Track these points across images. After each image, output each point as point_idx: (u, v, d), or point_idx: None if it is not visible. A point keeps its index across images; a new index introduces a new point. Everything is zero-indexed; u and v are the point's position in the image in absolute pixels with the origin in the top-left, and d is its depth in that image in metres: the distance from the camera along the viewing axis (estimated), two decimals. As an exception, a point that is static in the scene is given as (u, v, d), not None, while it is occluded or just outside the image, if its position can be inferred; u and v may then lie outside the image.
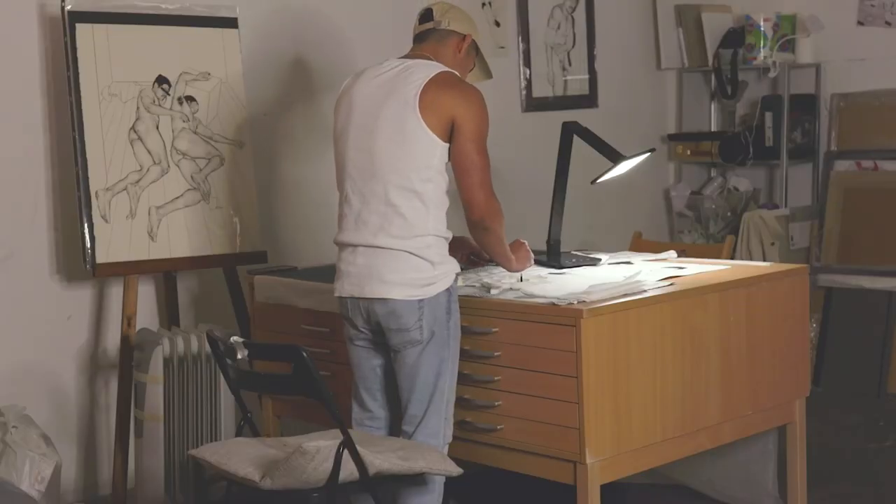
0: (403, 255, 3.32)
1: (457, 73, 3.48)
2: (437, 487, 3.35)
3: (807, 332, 3.98)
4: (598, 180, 4.17)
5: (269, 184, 4.81)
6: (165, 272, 4.43)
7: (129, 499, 4.31)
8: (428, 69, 3.39)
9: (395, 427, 3.49)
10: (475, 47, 3.64)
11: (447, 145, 3.38)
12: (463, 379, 3.60)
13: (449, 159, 3.41)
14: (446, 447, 3.43)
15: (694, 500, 4.24)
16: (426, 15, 3.57)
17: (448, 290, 3.37)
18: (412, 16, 5.31)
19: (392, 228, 3.33)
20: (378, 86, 3.41)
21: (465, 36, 3.56)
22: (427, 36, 3.55)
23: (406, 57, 3.51)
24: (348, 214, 3.41)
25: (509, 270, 3.73)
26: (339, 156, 3.46)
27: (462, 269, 3.62)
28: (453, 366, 3.42)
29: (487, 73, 3.78)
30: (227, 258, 4.45)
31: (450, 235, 3.43)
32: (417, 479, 3.25)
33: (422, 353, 3.34)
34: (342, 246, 3.44)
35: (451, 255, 3.44)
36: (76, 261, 4.30)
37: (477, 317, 3.57)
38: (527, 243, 3.86)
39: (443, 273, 3.36)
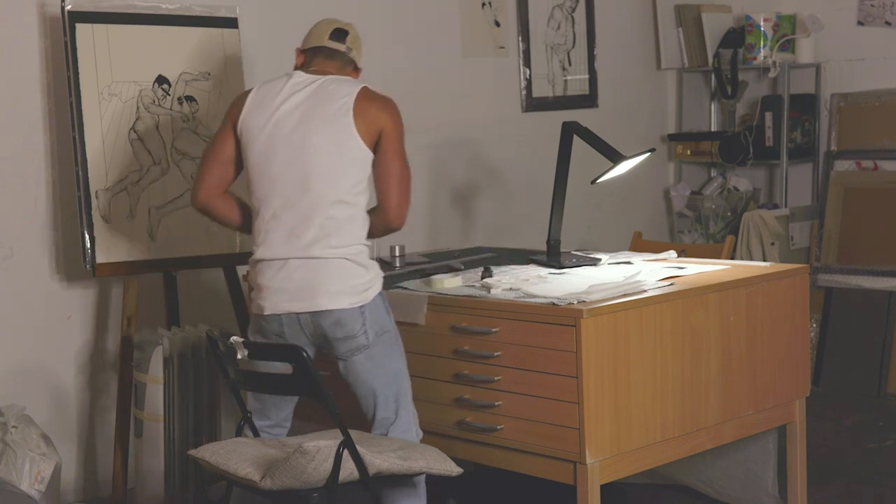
0: (343, 262, 3.35)
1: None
2: (423, 491, 3.37)
3: (807, 332, 3.98)
4: (598, 180, 4.17)
5: (269, 184, 4.80)
6: (165, 272, 4.43)
7: (129, 499, 4.31)
8: (349, 85, 3.44)
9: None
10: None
11: (373, 156, 3.41)
12: (463, 379, 3.61)
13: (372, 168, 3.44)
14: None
15: (694, 500, 4.24)
16: (339, 35, 3.57)
17: (380, 292, 3.43)
18: (413, 16, 5.35)
19: (330, 240, 3.34)
20: (299, 102, 3.42)
21: (359, 70, 3.63)
22: (334, 55, 3.55)
23: (317, 72, 3.51)
24: (276, 229, 3.38)
25: None
26: (261, 173, 3.41)
27: None
28: (405, 361, 3.48)
29: None
30: (227, 258, 4.44)
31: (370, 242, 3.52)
32: (405, 482, 3.26)
33: (372, 357, 3.37)
34: (268, 262, 3.39)
35: None
36: (76, 261, 4.30)
37: (477, 317, 3.57)
38: None
39: (375, 276, 3.42)
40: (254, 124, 3.43)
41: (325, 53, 3.54)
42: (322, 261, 3.34)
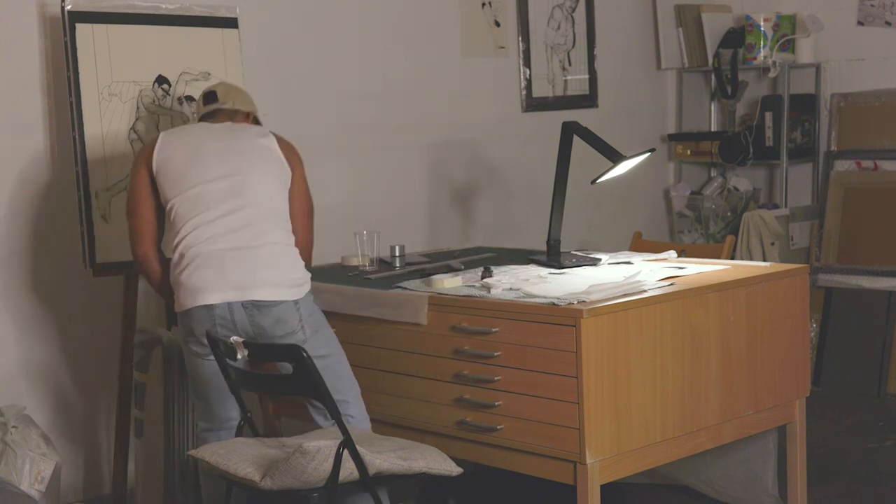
0: (283, 254, 3.52)
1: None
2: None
3: (807, 331, 3.98)
4: (598, 180, 4.17)
5: (269, 184, 4.80)
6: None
7: (129, 499, 4.31)
8: (259, 128, 3.73)
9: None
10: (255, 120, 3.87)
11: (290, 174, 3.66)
12: (463, 379, 3.61)
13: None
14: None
15: (694, 500, 4.24)
16: (209, 97, 3.79)
17: (310, 290, 3.58)
18: (413, 16, 5.35)
19: (268, 231, 3.52)
20: (208, 136, 3.64)
21: (248, 114, 3.81)
22: (216, 114, 3.76)
23: (214, 122, 3.75)
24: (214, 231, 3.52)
25: None
26: (192, 197, 3.54)
27: None
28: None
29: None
30: (227, 258, 4.44)
31: None
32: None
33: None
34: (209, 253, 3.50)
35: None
36: (76, 261, 4.30)
37: (477, 317, 3.57)
38: None
39: (307, 274, 3.59)
40: (167, 158, 3.63)
41: (207, 117, 3.79)
42: (258, 250, 3.53)
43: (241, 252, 3.46)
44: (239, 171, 3.55)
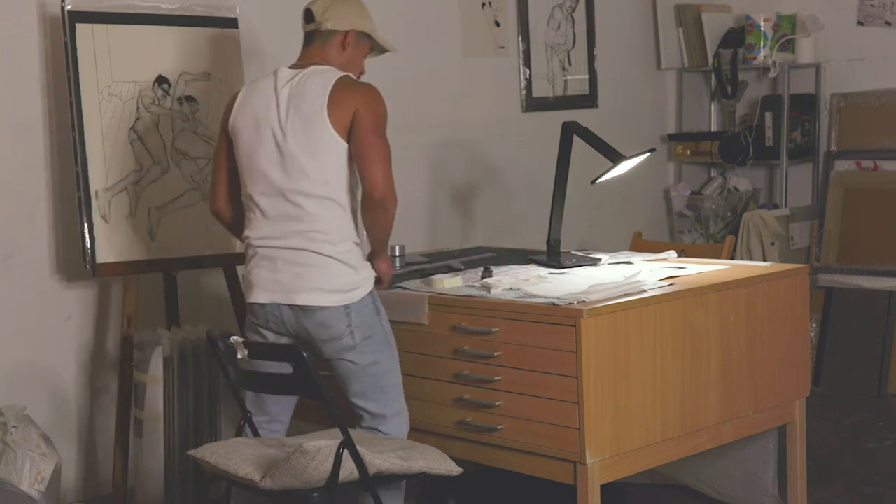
0: (329, 261, 3.38)
1: (351, 75, 3.51)
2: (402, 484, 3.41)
3: (807, 332, 3.98)
4: (598, 180, 4.17)
5: (269, 184, 4.80)
6: (165, 272, 4.43)
7: (129, 499, 4.30)
8: (324, 76, 3.43)
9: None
10: (364, 35, 3.59)
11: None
12: (463, 379, 3.61)
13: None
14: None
15: (694, 500, 4.24)
16: (307, 16, 3.57)
17: (371, 292, 3.45)
18: (413, 16, 5.34)
19: (316, 235, 3.38)
20: (273, 100, 3.45)
21: (346, 33, 3.54)
22: (312, 38, 3.57)
23: (297, 66, 3.53)
24: (263, 227, 3.45)
25: (376, 263, 3.59)
26: (249, 170, 3.46)
27: None
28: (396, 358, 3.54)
29: (389, 48, 3.71)
30: (227, 258, 4.44)
31: (363, 241, 3.51)
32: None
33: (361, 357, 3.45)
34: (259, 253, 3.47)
35: None
36: (76, 261, 4.30)
37: (477, 317, 3.57)
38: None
39: (364, 277, 3.43)
40: (239, 125, 3.49)
41: (306, 40, 3.58)
42: (307, 256, 3.38)
43: (292, 253, 3.39)
44: (294, 166, 3.39)
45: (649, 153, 4.12)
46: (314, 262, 3.37)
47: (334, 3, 3.55)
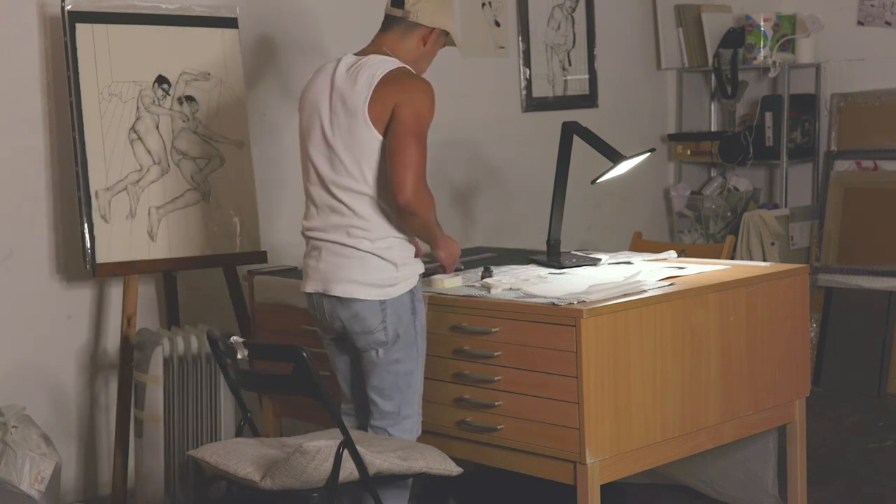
0: (366, 256, 3.36)
1: (409, 68, 3.43)
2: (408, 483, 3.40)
3: (807, 332, 3.98)
4: (598, 180, 4.17)
5: (269, 184, 4.81)
6: (165, 272, 4.43)
7: (129, 499, 4.31)
8: (375, 68, 3.36)
9: (363, 417, 3.55)
10: (444, 32, 3.55)
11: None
12: (463, 379, 3.61)
13: None
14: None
15: (694, 500, 4.24)
16: (396, 1, 3.49)
17: (411, 290, 3.41)
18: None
19: (355, 231, 3.37)
20: (327, 88, 3.42)
21: (432, 29, 3.50)
22: (392, 24, 3.49)
23: (362, 53, 3.48)
24: (313, 216, 3.47)
25: (434, 252, 3.64)
26: (304, 157, 3.49)
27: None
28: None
29: (460, 48, 3.74)
30: (226, 258, 4.45)
31: (409, 236, 3.45)
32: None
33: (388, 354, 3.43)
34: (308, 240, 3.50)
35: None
36: (76, 261, 4.30)
37: (477, 317, 3.57)
38: (457, 244, 3.76)
39: (405, 275, 3.40)
40: (302, 105, 3.51)
41: (385, 24, 3.52)
42: (345, 250, 3.38)
43: (333, 246, 3.39)
44: (338, 160, 3.37)
45: (649, 153, 4.12)
46: (352, 255, 3.37)
47: None
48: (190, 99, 4.39)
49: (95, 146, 4.17)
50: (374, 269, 3.36)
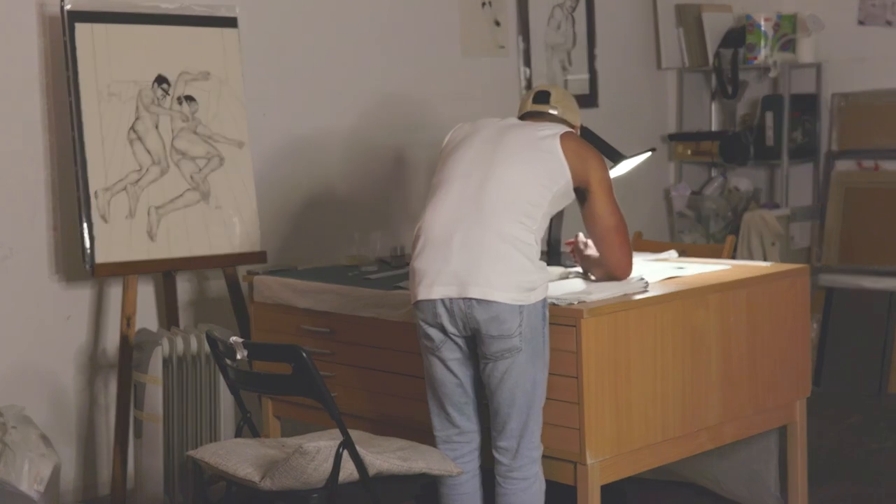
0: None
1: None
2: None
3: (807, 332, 3.97)
4: (599, 180, 4.15)
5: (269, 184, 4.81)
6: (165, 272, 4.43)
7: (129, 499, 4.30)
8: (556, 126, 3.41)
9: (486, 441, 3.38)
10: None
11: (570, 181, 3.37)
12: (463, 379, 3.59)
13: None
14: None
15: (698, 498, 4.23)
16: (542, 97, 3.56)
17: (545, 298, 3.27)
18: (413, 16, 5.34)
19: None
20: (505, 126, 3.42)
21: (574, 127, 3.56)
22: (539, 118, 3.53)
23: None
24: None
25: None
26: (440, 176, 3.37)
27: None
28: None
29: None
30: (226, 258, 4.44)
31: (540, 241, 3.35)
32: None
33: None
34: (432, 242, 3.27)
35: None
36: (76, 261, 4.30)
37: (477, 317, 3.55)
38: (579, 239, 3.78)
39: (542, 279, 3.25)
40: (457, 144, 3.46)
41: (528, 116, 3.55)
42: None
43: (469, 240, 3.20)
44: (491, 156, 3.30)
45: (649, 153, 4.12)
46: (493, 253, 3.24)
47: (566, 96, 3.63)
48: (189, 99, 4.38)
49: (95, 146, 4.17)
50: (519, 269, 3.19)
